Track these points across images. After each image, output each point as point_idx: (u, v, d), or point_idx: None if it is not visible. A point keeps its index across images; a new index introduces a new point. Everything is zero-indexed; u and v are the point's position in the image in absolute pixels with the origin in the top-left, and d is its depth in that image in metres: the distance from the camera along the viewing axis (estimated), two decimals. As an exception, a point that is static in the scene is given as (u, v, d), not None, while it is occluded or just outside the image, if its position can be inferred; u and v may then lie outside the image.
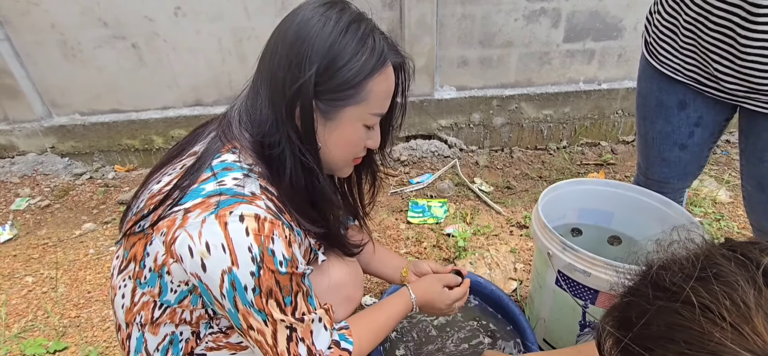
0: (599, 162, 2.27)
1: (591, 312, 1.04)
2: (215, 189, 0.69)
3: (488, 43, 2.21)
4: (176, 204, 0.70)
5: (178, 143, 0.86)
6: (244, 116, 0.76)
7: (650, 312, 0.40)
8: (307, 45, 0.68)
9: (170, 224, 0.69)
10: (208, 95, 2.26)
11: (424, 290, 0.99)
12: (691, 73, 1.04)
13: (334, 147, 0.76)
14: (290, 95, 0.69)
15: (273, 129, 0.72)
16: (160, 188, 0.75)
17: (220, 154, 0.74)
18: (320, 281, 0.89)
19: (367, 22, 0.73)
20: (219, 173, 0.71)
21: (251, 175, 0.72)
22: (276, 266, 0.68)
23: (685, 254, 0.45)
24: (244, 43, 2.13)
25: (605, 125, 2.41)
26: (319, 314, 0.77)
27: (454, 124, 2.35)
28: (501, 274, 1.52)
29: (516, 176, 2.18)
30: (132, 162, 2.37)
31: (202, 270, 0.67)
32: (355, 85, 0.71)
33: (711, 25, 0.93)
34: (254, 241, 0.66)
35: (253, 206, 0.68)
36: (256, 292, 0.68)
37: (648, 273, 0.46)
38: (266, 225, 0.68)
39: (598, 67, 2.33)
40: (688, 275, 0.40)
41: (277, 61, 0.70)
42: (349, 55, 0.69)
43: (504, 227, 1.79)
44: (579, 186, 1.23)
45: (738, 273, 0.38)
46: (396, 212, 1.91)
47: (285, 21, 0.73)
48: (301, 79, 0.68)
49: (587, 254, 0.95)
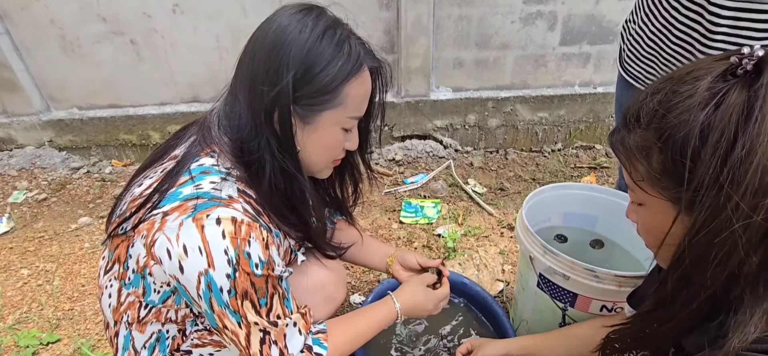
0: (593, 165, 2.28)
1: (570, 315, 1.06)
2: (193, 193, 0.70)
3: (484, 45, 2.22)
4: (155, 207, 0.71)
5: (161, 145, 0.87)
6: (223, 120, 0.77)
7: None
8: (285, 52, 0.70)
9: (149, 227, 0.70)
10: (205, 92, 2.28)
11: (408, 297, 0.99)
12: (649, 82, 1.06)
13: (313, 151, 0.78)
14: (269, 100, 0.71)
15: (252, 134, 0.73)
16: (141, 191, 0.77)
17: (199, 157, 0.75)
18: (300, 281, 0.91)
19: (342, 28, 0.75)
20: (197, 176, 0.72)
21: (229, 178, 0.73)
22: (252, 268, 0.70)
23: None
24: (241, 41, 2.11)
25: (600, 129, 2.41)
26: (295, 318, 0.79)
27: (449, 125, 2.37)
28: (489, 275, 1.54)
29: (510, 177, 2.20)
30: (129, 157, 2.40)
31: (179, 271, 0.69)
32: (332, 90, 0.72)
33: (673, 39, 0.96)
34: (230, 244, 0.68)
35: (230, 209, 0.69)
36: (232, 294, 0.69)
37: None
38: (243, 228, 0.69)
39: (593, 71, 2.33)
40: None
41: (255, 68, 0.72)
42: (326, 61, 0.71)
43: (495, 228, 1.80)
44: (564, 191, 1.24)
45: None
46: (389, 212, 1.92)
47: (262, 28, 0.74)
48: (279, 86, 0.70)
49: (566, 258, 0.97)
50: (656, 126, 0.53)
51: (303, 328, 0.80)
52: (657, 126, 0.53)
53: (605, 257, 1.24)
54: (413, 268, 1.10)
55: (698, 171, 0.49)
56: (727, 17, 0.85)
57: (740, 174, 0.45)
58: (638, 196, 0.59)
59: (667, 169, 0.53)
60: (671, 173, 0.52)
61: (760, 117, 0.45)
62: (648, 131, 0.55)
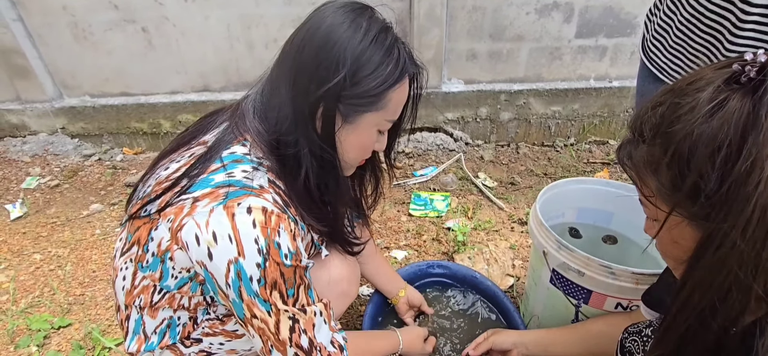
0: (606, 161, 2.24)
1: (584, 311, 1.04)
2: (224, 180, 0.70)
3: (498, 36, 2.18)
4: (185, 192, 0.71)
5: (187, 130, 0.87)
6: (260, 110, 0.77)
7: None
8: (337, 49, 0.69)
9: (178, 212, 0.70)
10: (215, 81, 2.28)
11: (410, 340, 1.08)
12: (675, 74, 1.03)
13: (348, 149, 0.78)
14: (315, 96, 0.70)
15: (291, 127, 0.73)
16: (167, 174, 0.77)
17: (231, 145, 0.75)
18: (320, 275, 0.91)
19: (392, 33, 0.75)
20: (229, 164, 0.72)
21: (260, 168, 0.73)
22: (281, 258, 0.69)
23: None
24: (251, 30, 2.13)
25: (614, 123, 2.37)
26: (319, 308, 0.79)
27: (460, 117, 2.34)
28: (499, 270, 1.52)
29: (521, 172, 2.16)
30: (140, 145, 2.41)
31: (208, 258, 0.69)
32: (378, 94, 0.72)
33: (703, 27, 0.93)
34: (261, 233, 0.67)
35: (260, 199, 0.69)
36: (262, 283, 0.69)
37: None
38: (273, 218, 0.69)
39: (609, 64, 2.28)
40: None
41: (303, 62, 0.71)
42: (376, 65, 0.71)
43: (505, 223, 1.78)
44: (578, 185, 1.21)
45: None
46: (398, 205, 1.91)
47: (312, 22, 0.73)
48: (329, 83, 0.69)
49: (582, 254, 0.95)
50: (661, 141, 0.51)
51: (327, 318, 0.80)
52: (662, 140, 0.51)
53: (619, 254, 1.21)
54: (415, 306, 1.22)
55: (707, 186, 0.47)
56: (758, 5, 0.81)
57: (748, 187, 0.43)
58: (652, 211, 0.57)
59: (676, 185, 0.50)
60: (681, 189, 0.50)
61: (766, 125, 0.43)
62: (654, 146, 0.53)
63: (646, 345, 0.74)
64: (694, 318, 0.51)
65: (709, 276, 0.48)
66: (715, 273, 0.47)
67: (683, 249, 0.53)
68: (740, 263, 0.45)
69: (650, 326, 0.76)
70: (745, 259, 0.45)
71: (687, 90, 0.50)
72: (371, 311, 1.19)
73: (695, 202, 0.49)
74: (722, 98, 0.47)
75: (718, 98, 0.47)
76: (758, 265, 0.44)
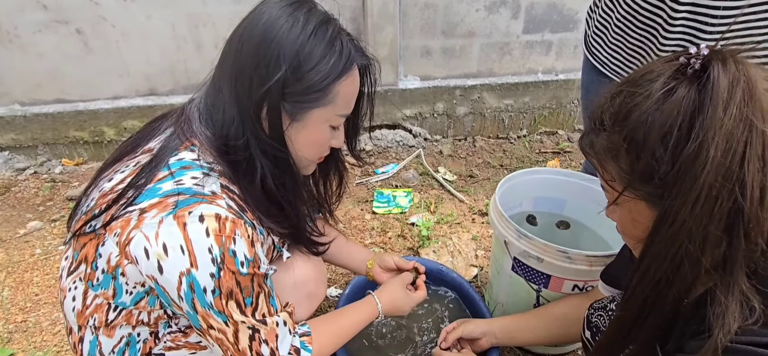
0: (556, 150, 2.36)
1: (544, 295, 1.09)
2: (173, 189, 0.67)
3: (451, 33, 2.23)
4: (131, 204, 0.68)
5: (131, 138, 0.83)
6: (205, 113, 0.74)
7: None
8: (275, 46, 0.67)
9: (124, 225, 0.67)
10: (163, 84, 2.16)
11: (389, 297, 1.01)
12: (616, 67, 1.11)
13: (301, 147, 0.76)
14: (258, 96, 0.68)
15: (239, 129, 0.71)
16: (112, 186, 0.73)
17: (178, 152, 0.72)
18: (285, 278, 0.89)
19: (334, 24, 0.73)
20: (177, 171, 0.69)
21: (211, 174, 0.71)
22: (237, 267, 0.67)
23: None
24: (199, 29, 2.04)
25: (562, 114, 2.50)
26: (283, 317, 0.77)
27: (418, 114, 2.37)
28: (463, 261, 1.56)
29: (478, 164, 2.23)
30: (81, 156, 2.24)
31: (158, 272, 0.66)
32: (323, 88, 0.71)
33: (639, 24, 1.00)
34: (215, 242, 0.65)
35: (213, 206, 0.67)
36: (216, 294, 0.67)
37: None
38: (228, 225, 0.67)
39: (555, 58, 2.40)
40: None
41: (243, 61, 0.69)
42: (318, 58, 0.69)
43: (466, 215, 1.83)
44: (534, 175, 1.27)
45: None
46: (361, 203, 1.91)
47: (250, 19, 0.71)
48: (269, 82, 0.67)
49: (540, 241, 1.00)
50: (619, 128, 0.56)
51: (291, 327, 0.79)
52: (620, 128, 0.55)
53: (572, 238, 1.29)
54: (391, 269, 1.12)
55: (660, 168, 0.51)
56: (686, 3, 0.89)
57: (696, 167, 0.48)
58: (612, 196, 0.61)
59: (634, 168, 0.55)
60: (639, 173, 0.54)
61: (710, 111, 0.48)
62: (613, 134, 0.57)
63: (611, 318, 0.80)
64: (652, 290, 0.55)
65: (664, 250, 0.52)
66: (669, 247, 0.52)
67: (642, 228, 0.58)
68: (690, 238, 0.50)
69: (614, 301, 0.82)
70: (694, 234, 0.49)
71: (641, 81, 0.55)
72: (348, 296, 1.18)
73: (651, 183, 0.54)
74: (672, 86, 0.52)
75: (668, 87, 0.52)
76: (706, 239, 0.49)
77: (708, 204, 0.48)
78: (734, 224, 0.49)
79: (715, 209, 0.48)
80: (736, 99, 0.47)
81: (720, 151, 0.47)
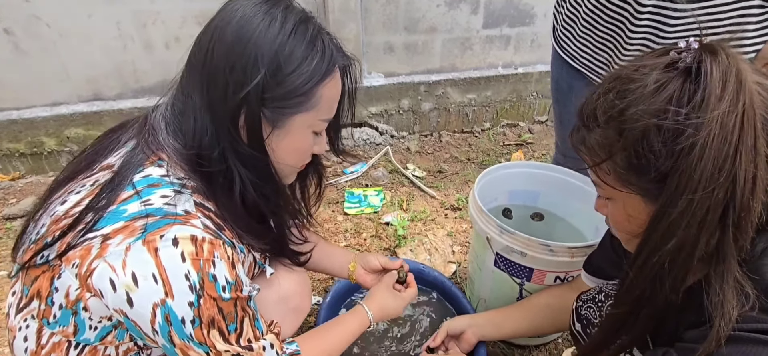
0: (519, 142, 2.42)
1: (527, 288, 1.11)
2: (140, 210, 0.60)
3: (413, 28, 2.23)
4: (90, 229, 0.60)
5: (84, 152, 0.74)
6: (173, 123, 0.67)
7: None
8: (252, 47, 0.62)
9: (84, 254, 0.59)
10: (109, 88, 1.99)
11: (379, 303, 0.97)
12: (585, 61, 1.15)
13: (283, 155, 0.71)
14: (234, 103, 0.63)
15: (213, 140, 0.65)
16: (66, 209, 0.64)
17: (143, 167, 0.65)
18: (269, 295, 0.84)
19: (314, 23, 0.68)
20: (143, 190, 0.62)
21: (184, 191, 0.64)
22: (218, 292, 0.62)
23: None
24: (148, 28, 1.90)
25: (523, 107, 2.57)
26: (269, 339, 0.72)
27: (384, 111, 2.35)
28: (440, 258, 1.57)
29: (446, 159, 2.25)
30: (18, 169, 2.02)
31: (128, 305, 0.59)
32: (306, 92, 0.66)
33: (606, 19, 1.04)
34: (192, 267, 0.59)
35: (188, 227, 0.60)
36: (196, 324, 0.61)
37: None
38: (205, 247, 0.61)
39: (514, 52, 2.47)
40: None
41: (216, 64, 0.63)
42: (299, 60, 0.64)
43: (439, 211, 1.84)
44: (508, 170, 1.29)
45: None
46: (332, 204, 1.87)
47: (220, 18, 0.65)
48: (247, 87, 0.62)
49: (523, 236, 1.01)
50: (615, 125, 0.56)
51: (278, 349, 0.74)
52: (616, 124, 0.56)
53: (546, 229, 1.32)
54: (376, 270, 1.08)
55: (657, 162, 0.52)
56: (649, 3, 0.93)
57: (692, 160, 0.49)
58: (606, 191, 0.62)
59: (631, 164, 0.55)
60: (635, 168, 0.55)
61: (704, 105, 0.49)
62: (608, 130, 0.57)
63: (601, 310, 0.82)
64: (649, 283, 0.56)
65: (661, 243, 0.53)
66: (667, 240, 0.53)
67: (637, 223, 0.59)
68: (687, 230, 0.51)
69: (601, 292, 0.84)
70: (691, 226, 0.50)
71: (633, 77, 0.55)
72: (329, 304, 1.13)
73: (647, 177, 0.54)
74: (665, 81, 0.52)
75: (661, 82, 0.52)
76: (701, 230, 0.50)
77: (705, 196, 0.49)
78: (727, 214, 0.50)
79: (711, 201, 0.49)
80: (729, 91, 0.49)
81: (715, 143, 0.48)
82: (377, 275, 1.08)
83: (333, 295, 1.19)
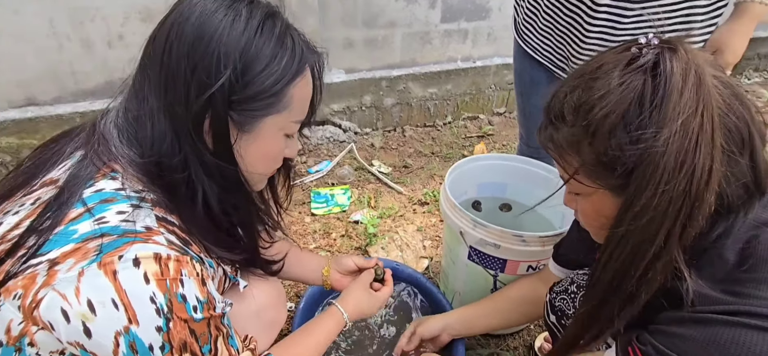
0: (480, 134, 2.47)
1: (501, 279, 1.13)
2: (93, 230, 0.54)
3: (372, 23, 2.21)
4: (34, 255, 0.54)
5: (21, 167, 0.66)
6: (126, 130, 0.61)
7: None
8: (216, 45, 0.57)
9: (28, 283, 0.53)
10: (44, 92, 1.82)
11: (354, 303, 0.93)
12: (548, 53, 1.18)
13: (252, 162, 0.66)
14: (198, 106, 0.57)
15: (173, 147, 0.59)
16: (3, 233, 0.57)
17: (94, 181, 0.59)
18: (243, 309, 0.79)
19: (281, 18, 0.64)
20: (96, 207, 0.56)
21: (143, 205, 0.58)
22: (189, 313, 0.57)
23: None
24: (86, 25, 1.75)
25: (482, 100, 2.63)
26: None
27: (346, 108, 2.32)
28: (412, 254, 1.57)
29: (411, 154, 2.26)
30: (-65, 186, 1.80)
31: (85, 336, 0.53)
32: (277, 93, 0.61)
33: (566, 11, 1.07)
34: (158, 288, 0.54)
35: (150, 245, 0.55)
36: (166, 350, 0.56)
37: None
38: (171, 266, 0.56)
39: (472, 46, 2.51)
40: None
41: (175, 64, 0.57)
42: (268, 59, 0.60)
43: (407, 206, 1.84)
44: (477, 163, 1.31)
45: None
46: (298, 205, 1.82)
47: (178, 12, 0.59)
48: (211, 88, 0.57)
49: (496, 228, 1.02)
50: (582, 122, 0.57)
51: None
52: (583, 122, 0.57)
53: (514, 219, 1.36)
54: (352, 271, 1.04)
55: (624, 158, 0.54)
56: None
57: (656, 154, 0.51)
58: (575, 187, 0.63)
59: (599, 161, 0.57)
60: (603, 164, 0.56)
61: (666, 99, 0.51)
62: (576, 127, 0.58)
63: (575, 300, 0.84)
64: (615, 275, 0.58)
65: (627, 235, 0.55)
66: (632, 233, 0.54)
67: (606, 216, 0.60)
68: (651, 222, 0.53)
69: (573, 283, 0.86)
70: (655, 218, 0.52)
71: (597, 74, 0.56)
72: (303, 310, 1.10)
73: (615, 173, 0.56)
74: (629, 77, 0.54)
75: (625, 79, 0.54)
76: (663, 221, 0.52)
77: (668, 188, 0.51)
78: (684, 205, 0.52)
79: (673, 193, 0.51)
80: (689, 85, 0.51)
81: (677, 136, 0.50)
82: (353, 276, 1.05)
83: (306, 301, 1.15)
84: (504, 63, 2.55)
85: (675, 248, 0.54)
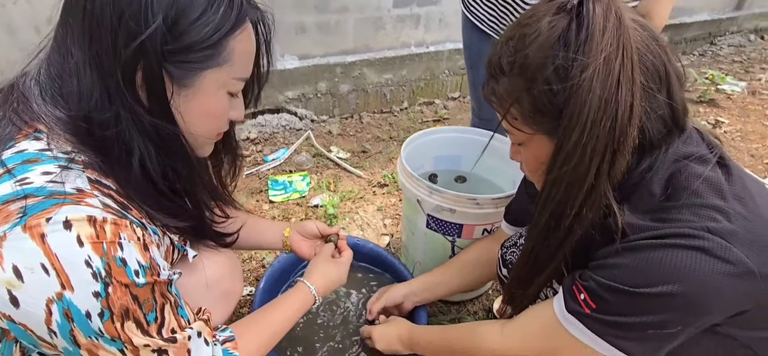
0: (436, 118, 2.52)
1: (458, 245, 1.16)
2: (15, 191, 0.50)
3: (324, 8, 2.19)
4: None
5: None
6: (50, 87, 0.56)
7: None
8: None
9: None
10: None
11: (321, 275, 0.91)
12: (493, 23, 1.23)
13: (193, 120, 0.62)
14: (127, 56, 0.53)
15: (103, 101, 0.55)
16: None
17: (15, 143, 0.54)
18: (195, 281, 0.75)
19: None
20: (17, 167, 0.52)
21: (73, 166, 0.54)
22: (130, 277, 0.54)
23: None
24: (8, 8, 1.61)
25: (436, 85, 2.67)
26: (198, 327, 0.65)
27: (301, 95, 2.28)
28: (373, 232, 1.57)
29: (369, 140, 2.26)
30: None
31: (12, 305, 0.50)
32: (215, 44, 0.58)
33: None
34: (93, 251, 0.51)
35: (82, 207, 0.52)
36: (105, 317, 0.53)
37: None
38: (108, 228, 0.53)
39: (424, 31, 2.54)
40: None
41: (99, 11, 0.53)
42: (203, 6, 0.56)
43: (367, 189, 1.84)
44: (432, 136, 1.33)
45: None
46: (256, 194, 1.77)
47: None
48: (141, 36, 0.53)
49: (451, 193, 1.05)
50: (518, 70, 0.60)
51: (208, 336, 0.67)
52: (518, 70, 0.59)
53: (470, 189, 1.39)
54: (314, 236, 1.02)
55: (555, 99, 0.57)
56: None
57: (582, 92, 0.54)
58: (518, 137, 0.66)
59: (535, 106, 0.59)
60: (539, 108, 0.59)
61: (589, 39, 0.54)
62: (513, 77, 0.61)
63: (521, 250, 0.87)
64: (550, 214, 0.61)
65: (560, 175, 0.58)
66: (565, 173, 0.57)
67: (544, 163, 0.63)
68: (581, 159, 0.56)
69: (522, 237, 0.90)
70: (584, 155, 0.55)
71: (529, 22, 0.59)
72: (264, 291, 1.08)
73: (549, 115, 0.59)
74: (555, 23, 0.57)
75: (552, 24, 0.57)
76: (592, 157, 0.55)
77: (595, 125, 0.54)
78: (610, 142, 0.55)
79: (599, 130, 0.54)
80: (610, 25, 0.54)
81: (601, 75, 0.53)
82: (314, 242, 1.03)
83: (267, 280, 1.13)
84: (456, 48, 2.60)
85: (604, 184, 0.57)
